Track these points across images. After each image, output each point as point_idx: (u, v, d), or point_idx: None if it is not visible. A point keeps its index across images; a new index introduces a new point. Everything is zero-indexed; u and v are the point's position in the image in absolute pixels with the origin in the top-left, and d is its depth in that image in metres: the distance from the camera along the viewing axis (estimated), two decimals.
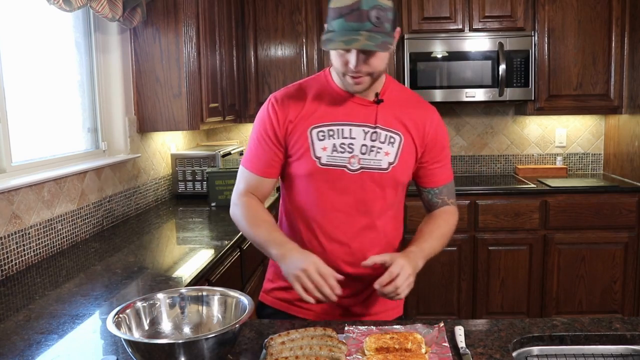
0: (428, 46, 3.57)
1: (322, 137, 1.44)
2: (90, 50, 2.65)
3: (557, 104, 3.66)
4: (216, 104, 3.20)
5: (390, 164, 1.46)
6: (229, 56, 3.47)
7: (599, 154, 4.06)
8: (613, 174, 3.85)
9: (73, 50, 2.53)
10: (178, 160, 3.31)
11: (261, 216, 1.47)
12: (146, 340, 1.10)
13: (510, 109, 4.06)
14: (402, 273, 1.28)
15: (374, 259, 1.34)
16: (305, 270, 1.27)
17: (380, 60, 1.37)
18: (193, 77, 2.89)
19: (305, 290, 1.26)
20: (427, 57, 3.57)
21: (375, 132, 1.45)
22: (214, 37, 3.17)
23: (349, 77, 1.39)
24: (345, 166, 1.44)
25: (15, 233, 1.91)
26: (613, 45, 3.57)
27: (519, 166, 4.02)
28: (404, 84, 3.62)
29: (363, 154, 1.45)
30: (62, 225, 2.19)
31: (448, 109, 4.04)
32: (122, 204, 2.72)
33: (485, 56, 3.55)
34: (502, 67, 3.50)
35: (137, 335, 1.15)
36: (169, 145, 3.40)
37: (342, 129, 1.45)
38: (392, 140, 1.46)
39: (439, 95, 3.59)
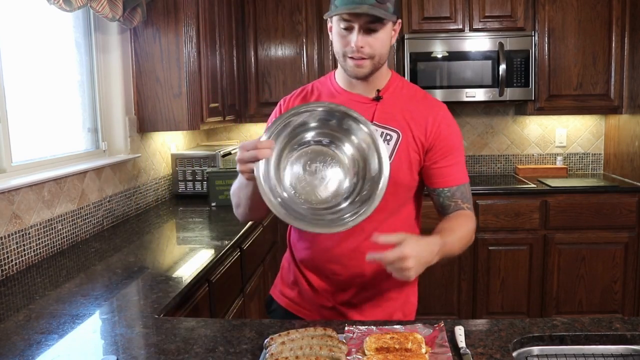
0: (428, 46, 3.57)
1: None
2: (90, 50, 2.65)
3: (557, 104, 3.66)
4: (216, 104, 3.20)
5: None
6: (229, 56, 3.47)
7: (599, 154, 4.06)
8: (613, 174, 3.85)
9: (73, 50, 2.54)
10: (178, 160, 3.31)
11: None
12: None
13: (510, 109, 4.06)
14: (405, 253, 1.18)
15: (383, 238, 1.23)
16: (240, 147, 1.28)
17: (381, 43, 1.37)
18: (193, 77, 2.89)
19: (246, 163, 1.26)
20: (427, 57, 3.57)
21: None
22: (214, 37, 3.17)
23: (349, 60, 1.38)
24: None
25: (15, 233, 1.91)
26: (613, 45, 3.57)
27: (519, 166, 4.02)
28: None
29: None
30: (62, 225, 2.19)
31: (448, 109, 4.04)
32: (122, 204, 2.72)
33: (485, 56, 3.55)
34: (502, 67, 3.50)
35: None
36: (169, 145, 3.40)
37: None
38: (388, 137, 1.42)
39: (439, 95, 3.59)
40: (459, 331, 1.24)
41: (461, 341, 1.20)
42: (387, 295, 1.52)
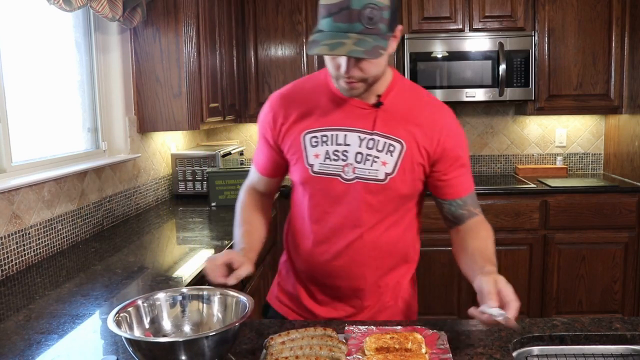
0: (428, 46, 3.57)
1: (315, 144, 1.36)
2: (90, 50, 2.65)
3: (557, 103, 3.66)
4: (216, 104, 3.20)
5: (387, 174, 1.34)
6: (229, 56, 3.47)
7: (599, 154, 4.06)
8: (613, 174, 3.85)
9: (73, 50, 2.53)
10: (178, 160, 3.31)
11: (245, 217, 1.48)
12: (147, 339, 1.10)
13: (510, 109, 4.06)
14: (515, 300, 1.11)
15: (487, 310, 1.11)
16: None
17: (375, 66, 1.25)
18: (193, 77, 2.89)
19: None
20: (427, 57, 3.57)
21: (372, 139, 1.33)
22: (214, 37, 3.17)
23: (342, 81, 1.27)
24: (339, 175, 1.35)
25: (15, 233, 1.91)
26: (613, 45, 3.57)
27: (519, 166, 4.02)
28: None
29: (358, 162, 1.34)
30: (62, 225, 2.19)
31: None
32: (122, 204, 2.72)
33: (485, 56, 3.55)
34: (502, 67, 3.50)
35: (137, 334, 1.15)
36: (169, 145, 3.39)
37: (337, 135, 1.35)
38: (391, 148, 1.33)
39: (439, 95, 3.59)
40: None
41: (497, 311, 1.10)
42: (387, 304, 1.49)
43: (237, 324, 1.07)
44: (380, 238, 1.41)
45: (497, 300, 1.11)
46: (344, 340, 1.18)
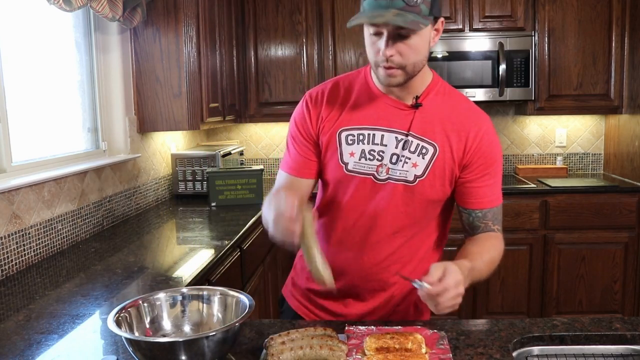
0: None
1: (351, 142, 1.35)
2: (90, 50, 2.65)
3: (557, 103, 3.66)
4: (216, 104, 3.20)
5: (417, 177, 1.33)
6: (229, 56, 3.47)
7: (599, 154, 4.06)
8: (613, 174, 3.85)
9: (73, 50, 2.53)
10: (178, 160, 3.31)
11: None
12: (147, 339, 1.10)
13: (510, 109, 4.06)
14: (452, 289, 1.12)
15: (426, 283, 1.13)
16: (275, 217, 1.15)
17: (414, 51, 1.24)
18: (193, 77, 2.89)
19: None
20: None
21: (406, 140, 1.33)
22: (214, 37, 3.17)
23: (381, 69, 1.26)
24: (372, 174, 1.35)
25: (15, 233, 1.91)
26: (613, 45, 3.57)
27: (519, 166, 4.02)
28: None
29: (393, 163, 1.33)
30: (62, 225, 2.19)
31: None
32: (122, 204, 2.72)
33: (485, 56, 3.55)
34: (502, 67, 3.50)
35: (137, 334, 1.16)
36: (169, 145, 3.39)
37: (374, 134, 1.34)
38: (423, 151, 1.32)
39: None
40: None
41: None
42: (398, 308, 1.49)
43: (237, 324, 1.07)
44: (402, 243, 1.40)
45: (435, 282, 1.13)
46: (344, 340, 1.18)
